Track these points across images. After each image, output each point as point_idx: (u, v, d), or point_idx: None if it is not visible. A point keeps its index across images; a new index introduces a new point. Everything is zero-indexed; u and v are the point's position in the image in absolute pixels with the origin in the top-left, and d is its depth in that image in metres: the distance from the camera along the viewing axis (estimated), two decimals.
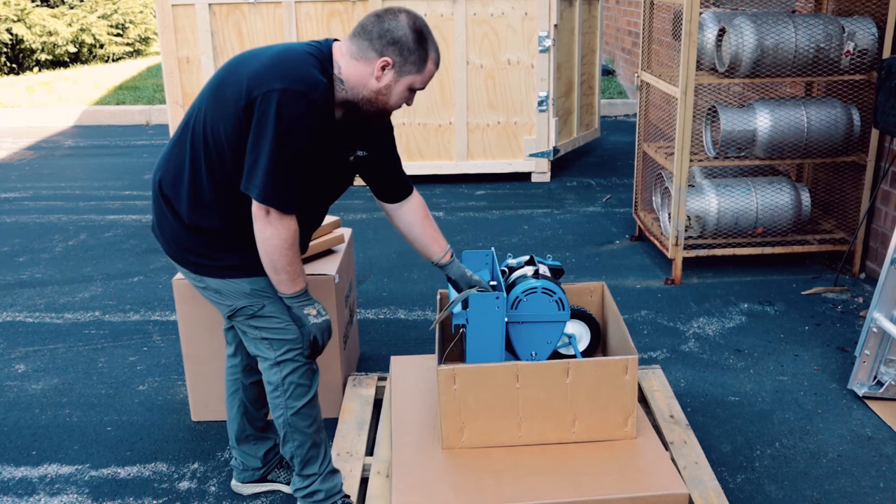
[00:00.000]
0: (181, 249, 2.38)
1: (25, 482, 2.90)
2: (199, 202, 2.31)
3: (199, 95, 2.33)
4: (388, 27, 2.20)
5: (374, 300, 4.34)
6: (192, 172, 2.29)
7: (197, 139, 2.27)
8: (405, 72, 2.24)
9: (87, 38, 12.60)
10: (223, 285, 2.37)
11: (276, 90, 2.11)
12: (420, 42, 2.23)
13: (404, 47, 2.21)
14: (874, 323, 3.19)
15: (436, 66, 2.29)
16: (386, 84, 2.25)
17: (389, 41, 2.20)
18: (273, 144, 2.12)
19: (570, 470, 2.48)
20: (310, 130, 2.17)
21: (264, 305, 2.36)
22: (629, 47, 9.49)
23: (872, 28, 4.21)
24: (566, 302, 2.63)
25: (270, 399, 2.45)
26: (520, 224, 5.53)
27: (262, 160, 2.14)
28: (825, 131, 4.31)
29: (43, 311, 4.31)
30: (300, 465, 2.50)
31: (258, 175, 2.15)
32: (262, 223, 2.21)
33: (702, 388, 3.42)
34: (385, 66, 2.22)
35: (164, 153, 2.41)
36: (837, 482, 2.80)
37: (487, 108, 6.28)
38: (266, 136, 2.13)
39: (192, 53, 6.09)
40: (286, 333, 2.38)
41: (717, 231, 4.54)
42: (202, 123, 2.26)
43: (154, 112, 9.17)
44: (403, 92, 2.28)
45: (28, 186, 6.71)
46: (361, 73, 2.24)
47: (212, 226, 2.32)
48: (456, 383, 2.53)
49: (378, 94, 2.26)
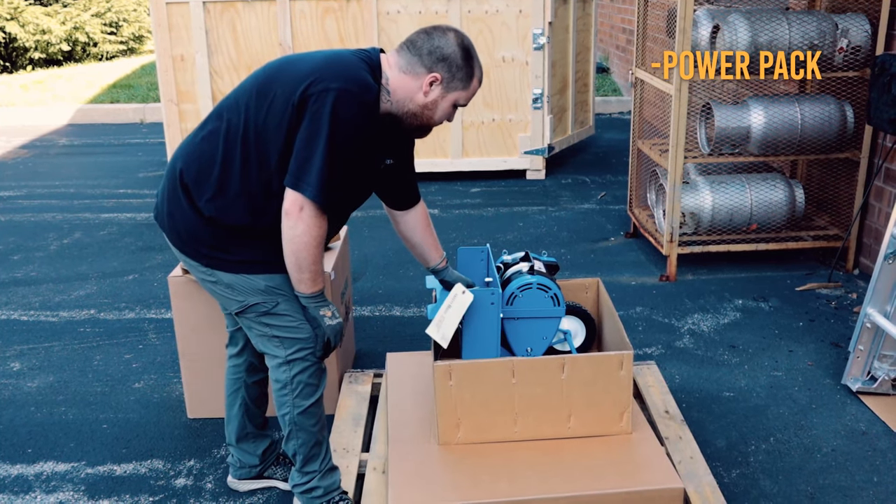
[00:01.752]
0: (194, 241, 2.34)
1: (21, 480, 2.90)
2: (224, 196, 2.27)
3: (237, 92, 2.31)
4: (438, 44, 2.26)
5: (369, 297, 4.34)
6: (224, 166, 2.26)
7: (233, 134, 2.25)
8: (452, 88, 2.29)
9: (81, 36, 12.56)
10: (237, 280, 2.34)
11: (333, 89, 2.12)
12: (467, 59, 2.28)
13: (453, 64, 2.26)
14: (868, 318, 3.20)
15: (479, 83, 2.35)
16: (433, 99, 2.29)
17: (439, 57, 2.25)
18: (327, 141, 2.13)
19: (565, 465, 2.49)
20: (363, 132, 2.19)
21: (278, 303, 2.35)
22: (623, 45, 9.50)
23: (866, 25, 4.23)
24: (561, 298, 2.63)
25: (277, 397, 2.44)
26: (515, 221, 5.54)
27: (317, 156, 2.13)
28: (819, 128, 4.33)
29: (38, 310, 4.30)
30: (302, 462, 2.50)
31: (311, 171, 2.14)
32: (293, 220, 2.18)
33: (697, 383, 3.43)
34: (434, 82, 2.27)
35: (187, 144, 2.37)
36: (832, 476, 2.82)
37: (482, 105, 6.29)
38: (321, 132, 2.13)
39: (187, 51, 6.08)
40: (299, 332, 2.37)
41: (712, 227, 4.55)
42: (243, 119, 2.24)
43: (148, 110, 9.15)
44: (448, 108, 2.33)
45: (22, 185, 6.70)
46: (409, 86, 2.28)
47: (233, 221, 2.29)
48: (452, 379, 2.53)
49: (424, 109, 2.31)
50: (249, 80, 2.31)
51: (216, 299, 2.46)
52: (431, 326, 2.48)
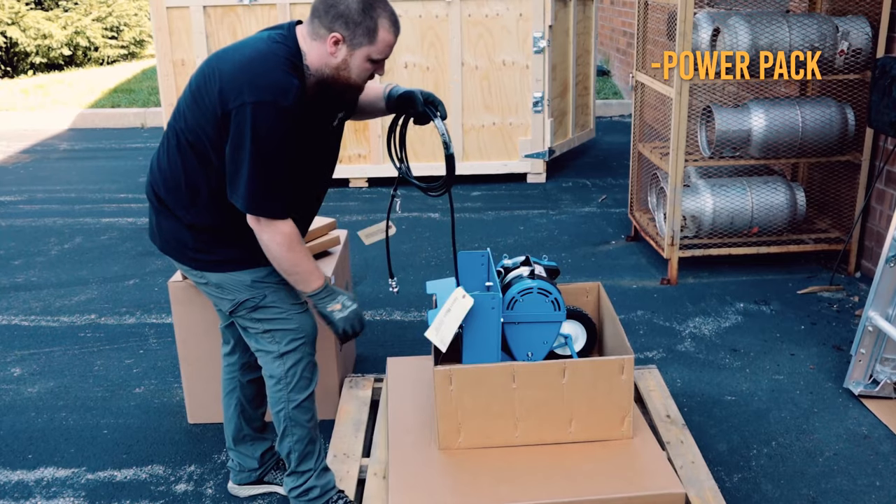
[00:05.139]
0: (181, 247, 2.40)
1: (22, 486, 2.89)
2: (195, 202, 2.33)
3: (180, 99, 2.34)
4: (332, 2, 2.18)
5: (370, 301, 4.34)
6: (186, 174, 2.31)
7: (182, 142, 2.29)
8: (357, 44, 2.21)
9: (82, 40, 12.57)
10: (224, 279, 2.38)
11: (249, 103, 2.12)
12: (366, 11, 2.18)
13: (349, 20, 2.17)
14: (870, 321, 3.19)
15: (391, 33, 2.24)
16: (342, 59, 2.22)
17: (335, 16, 2.18)
18: (251, 156, 2.15)
19: (566, 470, 2.48)
20: (286, 136, 2.18)
21: (266, 295, 2.38)
22: (624, 48, 9.50)
23: (866, 27, 4.22)
24: (562, 302, 2.63)
25: (271, 393, 2.46)
26: (515, 225, 5.53)
27: (243, 172, 2.17)
28: (820, 131, 4.32)
29: (38, 315, 4.30)
30: (297, 461, 2.50)
31: (241, 186, 2.18)
32: (256, 230, 2.25)
33: (698, 387, 3.42)
34: (337, 42, 2.20)
35: (154, 161, 2.44)
36: (834, 481, 2.81)
37: (483, 109, 6.29)
38: (244, 148, 2.15)
39: (187, 56, 6.08)
40: (288, 323, 2.40)
41: (713, 231, 4.54)
42: (184, 127, 2.28)
43: (149, 115, 9.16)
44: (363, 64, 2.24)
45: (23, 190, 6.70)
46: (319, 53, 2.23)
47: (209, 223, 2.35)
48: (452, 384, 2.53)
49: (338, 71, 2.24)
50: (187, 87, 2.33)
51: (211, 301, 2.50)
52: (430, 330, 2.47)
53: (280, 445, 2.52)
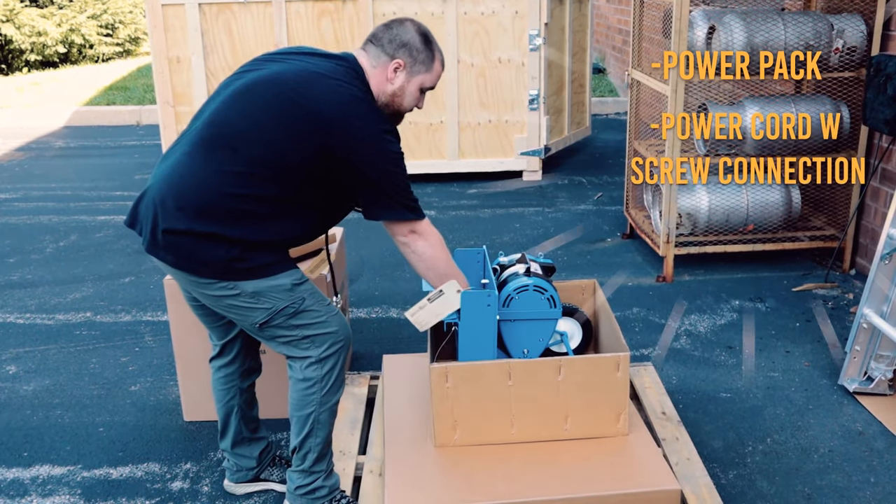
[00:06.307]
0: (207, 260, 2.27)
1: (17, 483, 2.89)
2: (242, 219, 2.25)
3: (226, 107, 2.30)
4: (397, 32, 2.39)
5: (366, 299, 4.34)
6: (236, 189, 2.24)
7: (240, 157, 2.24)
8: (416, 72, 2.40)
9: (77, 38, 12.55)
10: (262, 286, 2.29)
11: (371, 136, 2.26)
12: (426, 43, 2.41)
13: (413, 48, 2.38)
14: (864, 318, 3.20)
15: (442, 66, 2.48)
16: (399, 85, 2.39)
17: (399, 44, 2.38)
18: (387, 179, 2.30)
19: (562, 467, 2.49)
20: (398, 144, 2.36)
21: (304, 299, 2.35)
22: (620, 45, 9.51)
23: (861, 25, 4.23)
24: (558, 299, 2.63)
25: (301, 395, 2.40)
26: (511, 222, 5.54)
27: (399, 186, 2.32)
28: (815, 128, 4.33)
29: (34, 312, 4.29)
30: (314, 461, 2.47)
31: (396, 206, 2.33)
32: (412, 243, 2.37)
33: (693, 384, 3.43)
34: (397, 68, 2.38)
35: (173, 168, 2.31)
36: (828, 477, 2.82)
37: (479, 106, 6.29)
38: (380, 175, 2.29)
39: (183, 53, 6.07)
40: (328, 326, 2.38)
41: (708, 228, 4.55)
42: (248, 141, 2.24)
43: (144, 112, 9.14)
44: (415, 92, 2.43)
45: (18, 187, 6.69)
46: (379, 79, 2.39)
47: (258, 238, 2.27)
48: (448, 381, 2.53)
49: (394, 97, 2.40)
50: (241, 99, 2.29)
51: (231, 317, 2.39)
52: (412, 309, 2.48)
53: (301, 445, 2.45)
